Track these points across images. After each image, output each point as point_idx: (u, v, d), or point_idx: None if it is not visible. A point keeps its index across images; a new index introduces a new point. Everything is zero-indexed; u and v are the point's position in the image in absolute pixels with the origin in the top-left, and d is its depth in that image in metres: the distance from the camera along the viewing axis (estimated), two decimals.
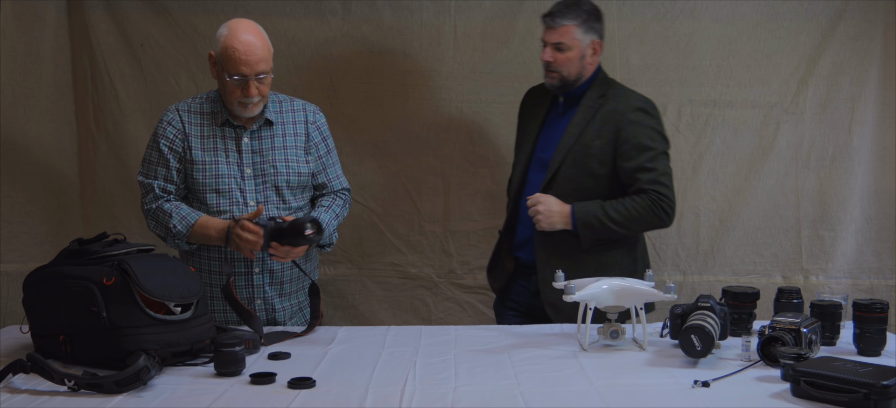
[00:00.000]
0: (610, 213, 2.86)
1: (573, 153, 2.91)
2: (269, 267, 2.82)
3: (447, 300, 3.74)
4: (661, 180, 2.87)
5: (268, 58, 2.74)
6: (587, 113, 2.93)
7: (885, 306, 2.40)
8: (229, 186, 2.79)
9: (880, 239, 3.58)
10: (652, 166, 2.87)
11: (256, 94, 2.72)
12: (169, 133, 2.81)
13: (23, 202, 3.62)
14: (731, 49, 3.56)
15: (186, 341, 2.29)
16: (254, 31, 2.75)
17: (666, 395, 2.07)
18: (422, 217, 3.70)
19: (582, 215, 2.86)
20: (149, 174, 2.82)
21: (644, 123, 2.90)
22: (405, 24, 3.60)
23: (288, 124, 2.86)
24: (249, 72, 2.69)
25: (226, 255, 2.80)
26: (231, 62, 2.70)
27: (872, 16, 3.51)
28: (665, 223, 2.91)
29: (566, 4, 2.93)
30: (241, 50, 2.69)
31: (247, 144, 2.81)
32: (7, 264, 3.60)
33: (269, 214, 2.76)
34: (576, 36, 2.91)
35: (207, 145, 2.80)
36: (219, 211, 2.79)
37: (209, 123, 2.82)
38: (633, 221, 2.87)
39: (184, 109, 2.84)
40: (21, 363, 2.11)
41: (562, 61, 2.93)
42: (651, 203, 2.86)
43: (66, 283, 2.26)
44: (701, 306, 2.39)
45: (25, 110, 3.59)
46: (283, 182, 2.82)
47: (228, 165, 2.80)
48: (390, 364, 2.33)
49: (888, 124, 3.55)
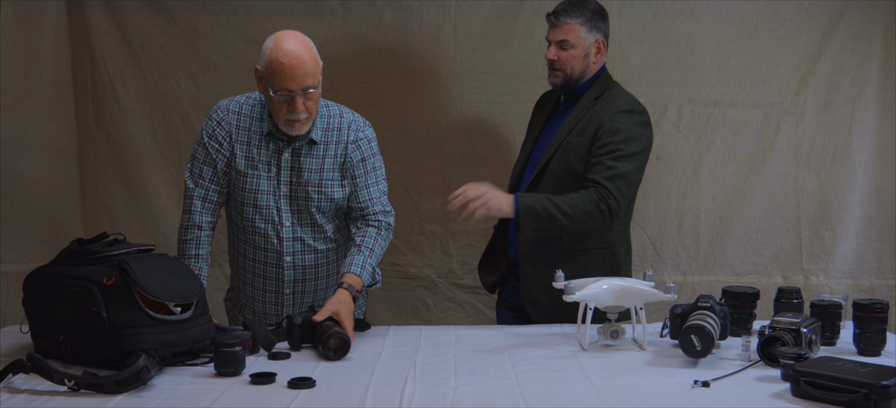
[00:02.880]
0: (556, 202, 2.77)
1: (560, 151, 2.91)
2: (300, 289, 2.81)
3: (447, 300, 3.74)
4: (614, 179, 2.79)
5: (316, 71, 2.59)
6: (580, 112, 2.93)
7: (885, 305, 2.40)
8: (267, 203, 2.73)
9: (881, 239, 3.58)
10: (612, 164, 2.80)
11: (303, 110, 2.59)
12: (218, 134, 2.72)
13: (23, 202, 3.62)
14: (731, 49, 3.56)
15: (186, 341, 2.28)
16: (301, 42, 2.58)
17: (666, 395, 2.07)
18: (422, 217, 3.70)
19: (526, 201, 2.77)
20: (194, 172, 2.74)
21: (623, 124, 2.85)
22: (405, 24, 3.60)
23: (330, 144, 2.73)
24: (296, 87, 2.55)
25: (257, 255, 2.78)
26: (276, 76, 2.55)
27: (872, 16, 3.51)
28: (605, 222, 2.79)
29: (571, 3, 2.94)
30: (286, 63, 2.53)
31: (287, 159, 2.71)
32: (7, 264, 3.60)
33: (300, 235, 2.73)
34: (580, 34, 2.91)
35: (251, 155, 2.71)
36: (254, 227, 2.75)
37: (256, 131, 2.72)
38: (577, 213, 2.76)
39: (233, 110, 2.73)
40: (21, 363, 2.11)
41: (565, 59, 2.93)
42: (597, 197, 2.77)
43: (66, 283, 2.26)
44: (701, 306, 2.39)
45: (25, 110, 3.59)
46: (314, 208, 2.74)
47: (269, 181, 2.72)
48: (390, 364, 2.33)
49: (888, 124, 3.55)
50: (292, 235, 2.76)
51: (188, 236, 2.74)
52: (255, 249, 2.78)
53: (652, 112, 3.56)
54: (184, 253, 2.73)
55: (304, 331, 2.47)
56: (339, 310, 2.50)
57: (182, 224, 2.77)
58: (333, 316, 2.48)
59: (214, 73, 3.60)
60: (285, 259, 2.77)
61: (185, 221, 2.75)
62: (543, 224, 2.76)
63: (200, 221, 2.74)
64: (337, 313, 2.49)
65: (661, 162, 3.61)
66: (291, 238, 2.76)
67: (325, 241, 2.80)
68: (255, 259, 2.79)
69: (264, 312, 2.83)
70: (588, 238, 2.90)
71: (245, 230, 2.79)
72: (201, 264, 2.73)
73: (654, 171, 3.61)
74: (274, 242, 2.76)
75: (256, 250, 2.78)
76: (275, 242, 2.76)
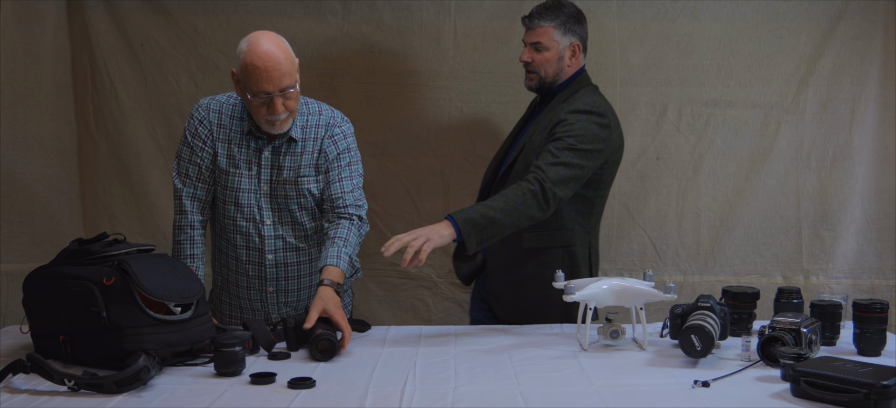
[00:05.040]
0: (489, 203, 2.66)
1: (524, 150, 2.91)
2: (283, 287, 2.81)
3: (447, 300, 3.74)
4: (554, 165, 2.70)
5: (292, 71, 2.57)
6: (548, 113, 2.92)
7: (885, 305, 2.40)
8: (248, 201, 2.73)
9: (881, 239, 3.58)
10: (557, 153, 2.73)
11: (283, 110, 2.58)
12: (201, 132, 2.72)
13: (23, 202, 3.62)
14: (731, 49, 3.56)
15: (186, 341, 2.28)
16: (275, 42, 2.56)
17: (666, 395, 2.07)
18: (422, 217, 3.70)
19: (461, 215, 2.61)
20: (181, 172, 2.75)
21: (577, 121, 2.79)
22: (405, 24, 3.60)
23: (308, 140, 2.73)
24: (273, 88, 2.53)
25: (245, 254, 2.79)
26: (252, 79, 2.53)
27: (873, 16, 3.51)
28: (540, 204, 2.67)
29: (545, 6, 2.94)
30: (261, 66, 2.51)
31: (267, 158, 2.72)
32: (7, 264, 3.60)
33: (282, 234, 2.74)
34: (553, 37, 2.91)
35: (232, 153, 2.72)
36: (236, 225, 2.76)
37: (237, 130, 2.72)
38: (511, 206, 2.64)
39: (214, 109, 2.73)
40: (21, 363, 2.11)
41: (539, 62, 2.93)
42: (529, 182, 2.68)
43: (66, 283, 2.26)
44: (701, 306, 2.39)
45: (25, 110, 3.59)
46: (294, 205, 2.74)
47: (249, 180, 2.73)
48: (390, 364, 2.33)
49: (889, 124, 3.55)
50: (273, 234, 2.76)
51: (182, 237, 2.74)
52: (237, 248, 2.78)
53: (652, 112, 3.59)
54: (179, 253, 2.73)
55: (299, 334, 2.47)
56: (326, 307, 2.46)
57: (175, 224, 2.77)
58: (322, 314, 2.45)
59: (214, 73, 3.60)
60: (267, 257, 2.77)
61: (178, 221, 2.76)
62: (486, 231, 2.62)
63: (192, 220, 2.75)
64: (324, 311, 2.46)
65: (661, 162, 3.61)
66: (272, 236, 2.76)
67: (306, 239, 2.80)
68: (238, 258, 2.79)
69: (252, 309, 2.83)
70: (547, 237, 2.88)
71: (227, 229, 2.79)
72: (198, 263, 2.73)
73: (654, 171, 3.62)
74: (255, 240, 2.76)
75: (238, 249, 2.78)
76: (256, 240, 2.76)
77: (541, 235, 2.87)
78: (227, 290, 2.86)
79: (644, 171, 3.62)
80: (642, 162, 3.61)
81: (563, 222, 2.88)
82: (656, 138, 3.61)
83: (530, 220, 2.69)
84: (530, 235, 2.86)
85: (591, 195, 2.90)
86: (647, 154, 3.61)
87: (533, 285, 2.88)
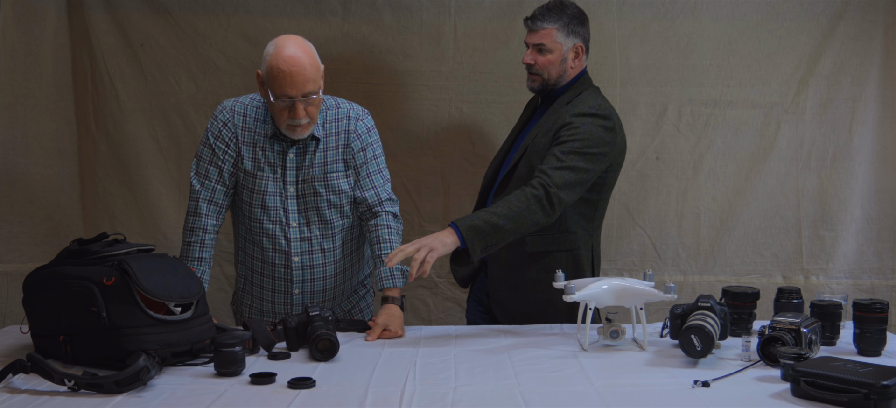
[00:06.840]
0: (493, 210, 2.64)
1: (527, 153, 2.89)
2: (309, 289, 2.82)
3: (447, 300, 3.74)
4: (560, 169, 2.69)
5: (316, 77, 2.60)
6: (550, 115, 2.91)
7: (885, 305, 2.40)
8: (274, 204, 2.74)
9: (881, 239, 3.58)
10: (562, 156, 2.72)
11: (304, 116, 2.60)
12: (224, 135, 2.73)
13: (23, 202, 3.62)
14: (731, 49, 3.56)
15: (186, 341, 2.29)
16: (302, 47, 2.59)
17: (666, 395, 2.07)
18: (422, 217, 3.70)
19: (464, 223, 2.60)
20: (200, 173, 2.74)
21: (583, 125, 2.78)
22: (405, 24, 3.60)
23: (331, 136, 2.75)
24: (296, 93, 2.56)
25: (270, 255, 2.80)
26: (276, 82, 2.55)
27: (873, 16, 3.51)
28: (545, 209, 2.66)
29: (548, 7, 2.93)
30: (286, 70, 2.53)
31: (291, 159, 2.72)
32: (7, 264, 3.60)
33: (308, 235, 2.75)
34: (556, 39, 2.90)
35: (257, 156, 2.72)
36: (262, 227, 2.76)
37: (261, 132, 2.72)
38: (515, 211, 2.63)
39: (238, 111, 2.74)
40: (21, 363, 2.11)
41: (542, 64, 2.92)
42: (533, 187, 2.67)
43: (66, 283, 2.26)
44: (701, 306, 2.39)
45: (25, 110, 3.59)
46: (324, 203, 2.75)
47: (275, 182, 2.73)
48: (390, 364, 2.33)
49: (889, 124, 3.55)
50: (300, 236, 2.77)
51: (193, 239, 2.74)
52: (263, 251, 2.79)
53: (652, 112, 3.59)
54: (188, 255, 2.73)
55: (299, 334, 2.47)
56: (390, 324, 2.64)
57: (187, 225, 2.77)
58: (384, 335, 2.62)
59: (214, 74, 3.60)
60: (293, 259, 2.77)
61: (191, 223, 2.76)
62: (490, 237, 2.61)
63: (205, 224, 2.75)
64: (387, 326, 2.63)
65: (661, 162, 3.61)
66: (299, 238, 2.77)
67: (332, 238, 2.80)
68: (264, 260, 2.80)
69: (274, 311, 2.84)
70: (551, 240, 2.87)
71: (252, 231, 2.79)
72: (204, 267, 2.73)
73: (654, 171, 3.62)
74: (282, 242, 2.76)
75: (264, 251, 2.79)
76: (282, 242, 2.76)
77: (544, 239, 2.86)
78: (250, 291, 2.87)
79: (644, 171, 3.62)
80: (642, 162, 3.61)
81: (567, 226, 2.87)
82: (656, 138, 3.61)
83: (535, 225, 2.68)
84: (534, 239, 2.85)
85: (594, 198, 2.89)
86: (647, 154, 3.61)
87: (535, 289, 2.87)
